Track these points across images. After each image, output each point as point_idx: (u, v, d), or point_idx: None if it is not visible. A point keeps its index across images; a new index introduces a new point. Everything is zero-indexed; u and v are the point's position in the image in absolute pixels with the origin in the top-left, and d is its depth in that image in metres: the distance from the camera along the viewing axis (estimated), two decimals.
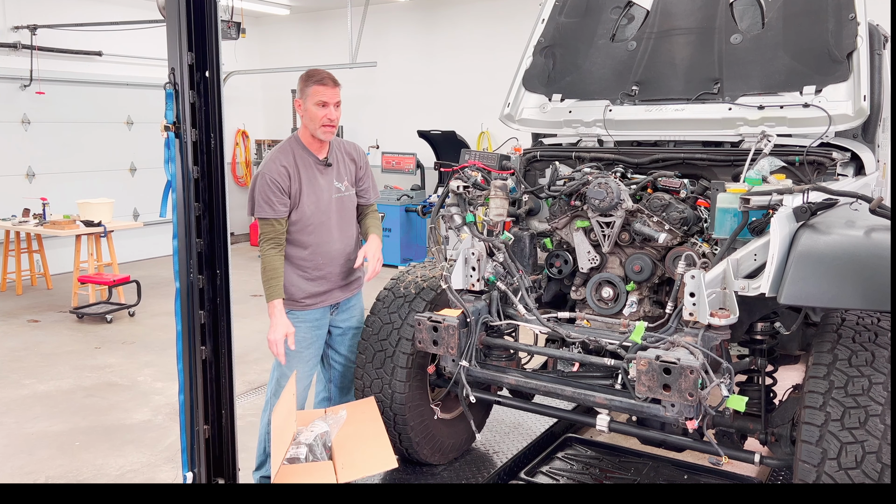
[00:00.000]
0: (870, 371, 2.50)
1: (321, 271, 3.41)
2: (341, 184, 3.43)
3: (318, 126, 3.26)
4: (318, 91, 3.23)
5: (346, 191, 3.45)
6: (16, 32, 8.92)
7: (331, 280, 3.45)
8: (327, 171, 3.39)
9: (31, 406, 4.99)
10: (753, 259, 2.74)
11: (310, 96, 3.25)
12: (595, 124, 3.79)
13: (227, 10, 9.00)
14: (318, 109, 3.23)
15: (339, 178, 3.42)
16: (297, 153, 3.34)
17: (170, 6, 2.28)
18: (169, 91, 2.30)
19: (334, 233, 3.41)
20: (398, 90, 10.77)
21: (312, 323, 3.45)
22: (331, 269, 3.43)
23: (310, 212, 3.32)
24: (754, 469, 3.67)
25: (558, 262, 3.46)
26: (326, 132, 3.28)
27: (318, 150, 3.38)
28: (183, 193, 2.35)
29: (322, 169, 3.37)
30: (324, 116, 3.23)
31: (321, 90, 3.23)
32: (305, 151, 3.35)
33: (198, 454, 2.45)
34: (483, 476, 3.73)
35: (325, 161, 3.37)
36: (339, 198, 3.42)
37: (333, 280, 3.46)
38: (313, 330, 3.46)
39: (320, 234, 3.37)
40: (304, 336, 3.43)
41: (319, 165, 3.37)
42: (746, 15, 3.65)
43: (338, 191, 3.41)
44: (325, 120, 3.24)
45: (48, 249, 8.75)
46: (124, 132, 10.26)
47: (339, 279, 3.48)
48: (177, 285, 2.38)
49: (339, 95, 3.29)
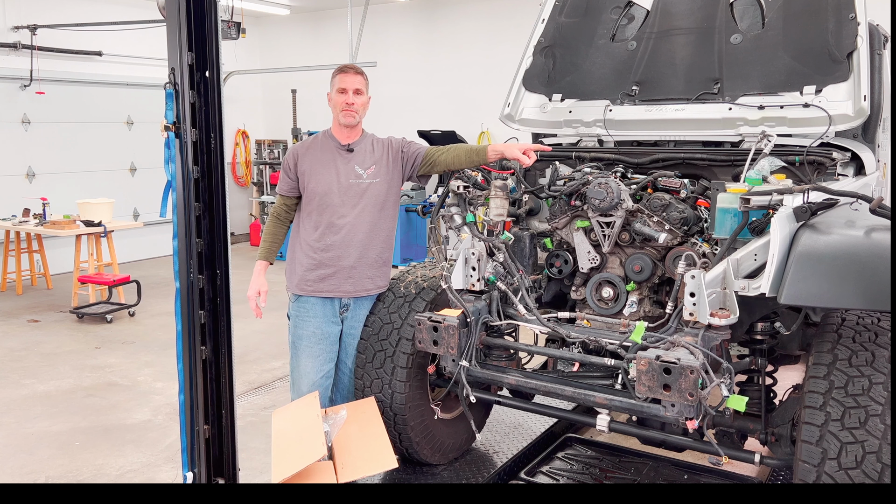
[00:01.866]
0: (870, 371, 2.50)
1: (328, 253, 3.42)
2: (364, 171, 3.47)
3: (340, 111, 3.44)
4: (339, 79, 3.44)
5: (368, 178, 3.47)
6: (16, 32, 8.92)
7: (339, 267, 3.43)
8: (349, 157, 3.48)
9: (31, 406, 4.99)
10: (753, 259, 2.74)
11: (333, 86, 3.47)
12: (595, 124, 3.79)
13: (227, 10, 9.00)
14: (338, 96, 3.44)
15: (361, 164, 3.48)
16: (320, 139, 3.56)
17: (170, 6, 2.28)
18: (169, 91, 2.30)
19: (348, 217, 3.42)
20: (398, 90, 10.77)
21: (320, 318, 3.46)
22: (340, 253, 3.43)
23: (320, 190, 3.44)
24: (754, 469, 3.67)
25: (558, 262, 3.46)
26: (347, 116, 3.44)
27: (344, 137, 3.51)
28: (183, 193, 2.35)
29: (343, 154, 3.48)
30: (342, 101, 3.42)
31: (341, 78, 3.44)
32: (330, 138, 3.54)
33: (198, 454, 2.45)
34: (483, 476, 3.73)
35: (348, 147, 3.48)
36: (357, 184, 3.45)
37: (342, 268, 3.44)
38: (322, 326, 3.47)
39: (330, 214, 3.43)
40: (313, 332, 3.46)
41: (341, 150, 3.48)
42: (746, 15, 3.65)
43: (358, 176, 3.46)
44: (344, 105, 3.41)
45: (48, 249, 8.75)
46: (124, 132, 10.26)
47: (350, 269, 3.45)
48: (177, 285, 2.39)
49: (359, 83, 3.45)
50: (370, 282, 3.54)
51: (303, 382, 3.48)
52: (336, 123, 3.51)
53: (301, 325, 3.49)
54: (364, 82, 3.47)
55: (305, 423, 3.16)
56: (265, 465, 3.89)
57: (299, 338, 3.49)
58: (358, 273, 3.48)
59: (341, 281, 3.46)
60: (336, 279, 3.45)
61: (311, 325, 3.47)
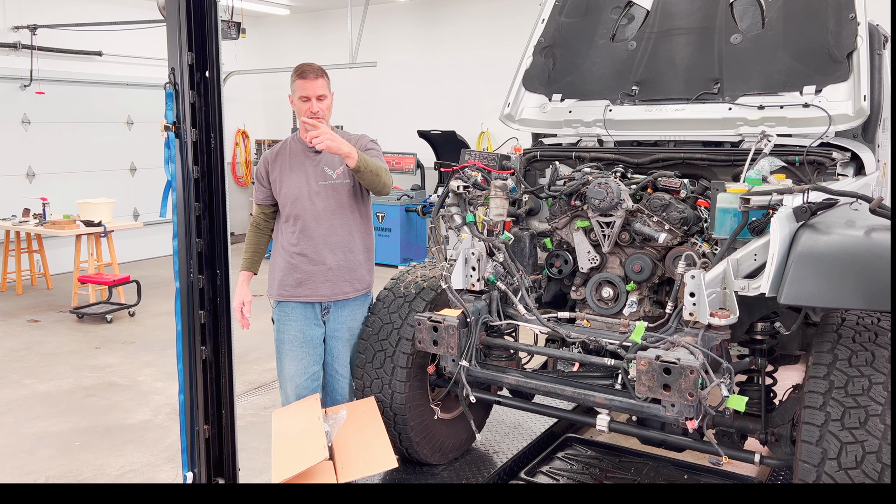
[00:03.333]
0: (870, 371, 2.50)
1: (304, 257, 3.41)
2: (333, 171, 3.43)
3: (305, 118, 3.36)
4: (300, 86, 3.32)
5: (338, 178, 3.44)
6: (16, 32, 8.92)
7: (314, 270, 3.41)
8: (317, 158, 3.44)
9: (31, 406, 4.99)
10: (753, 259, 2.74)
11: (294, 91, 3.36)
12: (595, 124, 3.79)
13: (227, 10, 9.00)
14: (301, 104, 3.34)
15: (330, 165, 3.44)
16: (288, 143, 3.53)
17: (170, 6, 2.28)
18: (169, 91, 2.30)
19: (321, 219, 3.40)
20: (398, 90, 10.77)
21: (301, 322, 3.45)
22: (314, 257, 3.41)
23: (292, 195, 3.41)
24: (754, 469, 3.67)
25: (558, 262, 3.46)
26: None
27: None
28: (183, 193, 2.35)
29: (311, 155, 3.45)
30: (307, 110, 3.32)
31: (301, 84, 3.32)
32: (298, 141, 3.50)
33: (198, 454, 2.45)
34: (483, 476, 3.73)
35: (314, 148, 3.36)
36: (329, 185, 3.42)
37: (318, 272, 3.41)
38: (304, 329, 3.46)
39: (304, 217, 3.40)
40: (295, 335, 3.45)
41: (308, 152, 3.45)
42: (746, 15, 3.65)
43: (327, 177, 3.42)
44: (308, 113, 3.32)
45: (48, 249, 8.75)
46: (124, 132, 10.26)
47: (326, 271, 3.42)
48: (177, 285, 2.39)
49: (321, 88, 3.33)
50: (348, 285, 3.49)
51: (288, 385, 3.48)
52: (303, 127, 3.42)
53: (283, 329, 3.48)
54: (326, 84, 3.36)
55: (306, 425, 3.15)
56: (265, 465, 3.89)
57: (282, 342, 3.49)
58: (335, 276, 3.45)
59: (318, 285, 3.43)
60: (313, 283, 3.43)
61: (293, 328, 3.45)
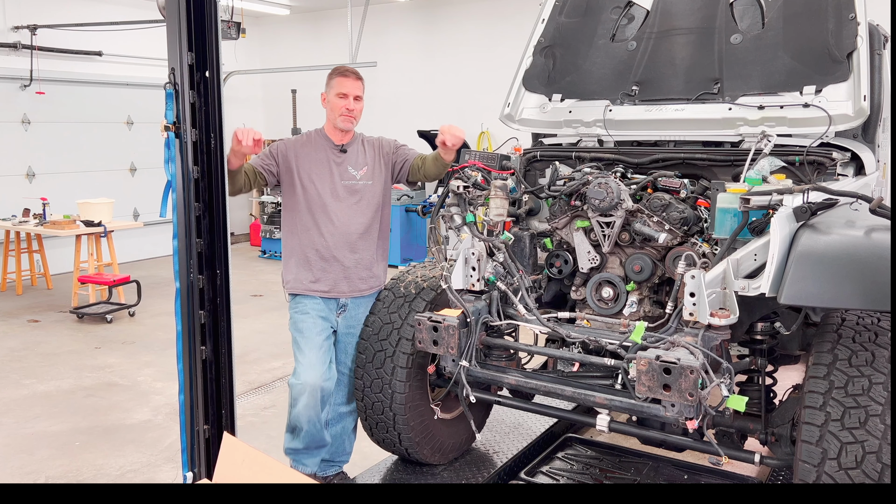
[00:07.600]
0: (870, 371, 2.50)
1: (323, 253, 3.45)
2: (357, 171, 3.51)
3: (338, 115, 3.44)
4: (339, 83, 3.43)
5: (361, 179, 3.51)
6: (16, 32, 8.93)
7: (335, 267, 3.47)
8: (342, 157, 3.51)
9: (31, 406, 4.99)
10: (753, 259, 2.74)
11: (332, 88, 3.45)
12: (595, 124, 3.79)
13: (227, 10, 9.01)
14: (337, 100, 3.43)
15: (354, 165, 3.52)
16: (314, 138, 3.55)
17: (170, 6, 2.28)
18: (169, 91, 2.30)
19: (342, 216, 3.46)
20: (398, 90, 10.77)
21: (319, 312, 3.48)
22: (336, 254, 3.46)
23: (311, 190, 3.44)
24: (754, 469, 3.67)
25: (558, 262, 3.46)
26: (346, 121, 3.45)
27: (338, 138, 3.53)
28: (183, 193, 2.36)
29: (336, 154, 3.51)
30: (342, 106, 3.42)
31: (342, 81, 3.43)
32: (323, 137, 3.54)
33: (198, 454, 2.45)
34: (483, 476, 3.73)
35: (341, 147, 3.51)
36: (351, 185, 3.49)
37: (338, 268, 3.47)
38: (321, 320, 3.49)
39: (326, 213, 3.45)
40: (314, 322, 3.47)
41: (334, 150, 3.51)
42: (746, 15, 3.65)
43: (351, 177, 3.50)
44: (344, 110, 3.42)
45: (48, 249, 8.75)
46: (124, 132, 10.26)
47: (344, 269, 3.48)
48: (177, 285, 2.39)
49: (359, 89, 3.46)
50: (363, 283, 3.56)
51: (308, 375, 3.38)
52: (330, 124, 3.52)
53: (300, 319, 3.50)
54: (363, 88, 3.50)
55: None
56: None
57: (299, 331, 3.49)
58: (353, 274, 3.51)
59: (337, 281, 3.49)
60: (331, 280, 3.48)
61: (310, 316, 3.47)
